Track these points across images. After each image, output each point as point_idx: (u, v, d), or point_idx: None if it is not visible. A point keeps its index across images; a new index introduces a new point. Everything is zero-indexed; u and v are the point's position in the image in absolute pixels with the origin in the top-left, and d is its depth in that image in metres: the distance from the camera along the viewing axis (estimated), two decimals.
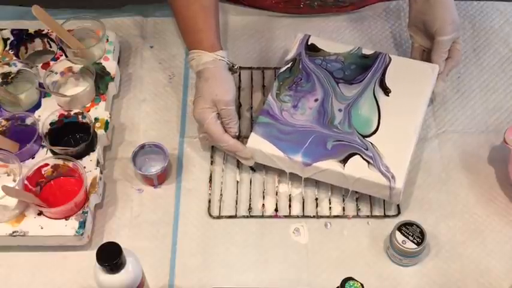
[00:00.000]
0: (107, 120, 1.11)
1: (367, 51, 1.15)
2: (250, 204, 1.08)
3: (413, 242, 1.00)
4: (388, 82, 1.11)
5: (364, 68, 1.12)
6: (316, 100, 1.10)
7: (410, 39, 1.18)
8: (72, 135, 1.11)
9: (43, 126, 1.08)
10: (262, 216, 1.07)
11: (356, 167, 1.03)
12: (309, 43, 1.17)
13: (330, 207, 1.08)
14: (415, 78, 1.11)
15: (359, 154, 1.03)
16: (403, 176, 1.02)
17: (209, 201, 1.08)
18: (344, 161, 1.03)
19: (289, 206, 1.08)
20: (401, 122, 1.06)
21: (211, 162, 1.12)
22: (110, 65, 1.17)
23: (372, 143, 1.04)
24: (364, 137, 1.05)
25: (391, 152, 1.03)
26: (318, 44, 1.16)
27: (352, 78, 1.11)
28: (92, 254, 0.85)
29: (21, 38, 1.20)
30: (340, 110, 1.08)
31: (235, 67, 1.10)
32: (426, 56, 1.16)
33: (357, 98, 1.09)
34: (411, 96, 1.09)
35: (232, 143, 1.06)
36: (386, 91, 1.09)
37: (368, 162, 1.03)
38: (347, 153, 1.04)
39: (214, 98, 1.04)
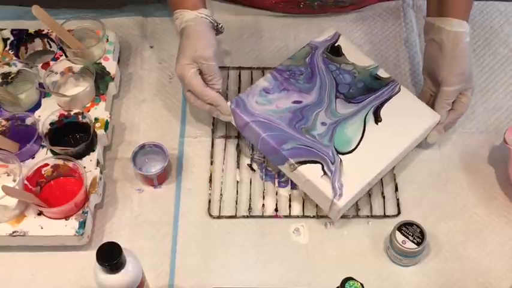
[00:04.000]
0: (107, 120, 1.11)
1: (382, 73, 1.12)
2: (250, 204, 1.08)
3: (413, 242, 1.00)
4: (385, 112, 1.08)
5: (369, 90, 1.10)
6: (295, 102, 1.09)
7: (423, 81, 1.15)
8: (72, 135, 1.11)
9: (43, 126, 1.08)
10: (262, 216, 1.07)
11: (311, 171, 1.02)
12: (336, 44, 1.15)
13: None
14: (412, 118, 1.08)
15: (321, 164, 1.02)
16: (348, 199, 1.01)
17: (209, 201, 1.08)
18: (300, 163, 1.02)
19: (289, 206, 1.08)
20: (377, 152, 1.04)
21: (211, 162, 1.12)
22: (110, 65, 1.18)
23: (341, 159, 1.03)
24: (338, 153, 1.04)
25: (352, 174, 1.02)
26: (343, 48, 1.14)
27: (353, 97, 1.09)
28: (92, 254, 0.85)
29: (21, 38, 1.20)
30: (323, 124, 1.06)
31: (220, 26, 1.11)
32: (433, 102, 1.12)
33: (347, 118, 1.07)
34: (399, 132, 1.06)
35: (214, 95, 1.06)
36: (378, 119, 1.07)
37: (325, 173, 1.02)
38: (309, 159, 1.03)
39: (194, 54, 1.05)
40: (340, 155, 1.03)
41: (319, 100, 1.09)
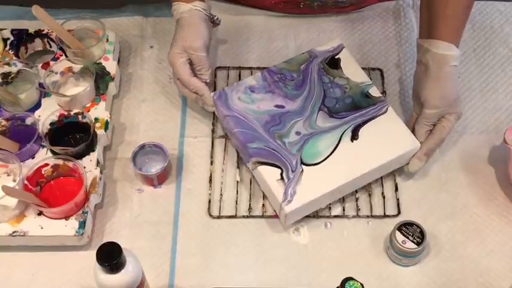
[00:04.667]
0: (107, 120, 1.12)
1: (374, 92, 1.10)
2: (250, 204, 1.08)
3: (413, 242, 1.00)
4: (364, 131, 1.06)
5: (355, 107, 1.08)
6: (277, 106, 1.09)
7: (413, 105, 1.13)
8: (72, 135, 1.11)
9: (43, 126, 1.08)
10: (262, 216, 1.07)
11: (269, 172, 1.03)
12: (337, 56, 1.14)
13: (330, 207, 1.08)
14: (390, 141, 1.05)
15: (281, 169, 1.03)
16: (296, 206, 1.00)
17: (209, 201, 1.08)
18: (261, 163, 1.03)
19: None
20: (341, 169, 1.03)
21: (211, 162, 1.12)
22: (110, 65, 1.18)
23: (303, 169, 1.03)
24: (303, 163, 1.03)
25: (309, 185, 1.02)
26: (343, 61, 1.13)
27: (337, 112, 1.08)
28: (92, 254, 0.85)
29: (21, 38, 1.20)
30: (298, 133, 1.06)
31: (215, 18, 1.15)
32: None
33: (323, 132, 1.06)
34: (371, 153, 1.04)
35: (199, 85, 1.10)
36: (354, 137, 1.05)
37: (282, 178, 1.02)
38: (270, 162, 1.03)
39: (184, 44, 1.10)
40: (304, 165, 1.03)
41: (301, 109, 1.09)
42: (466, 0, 1.06)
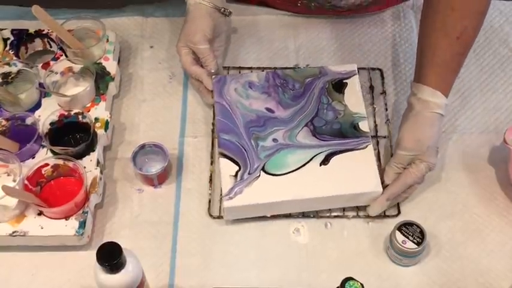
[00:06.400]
0: (107, 120, 1.12)
1: (363, 126, 1.08)
2: None
3: (413, 242, 1.00)
4: (336, 159, 1.04)
5: (339, 135, 1.07)
6: (267, 109, 1.09)
7: None
8: (72, 135, 1.11)
9: (43, 126, 1.08)
10: (262, 216, 1.07)
11: (226, 166, 1.04)
12: (344, 81, 1.12)
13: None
14: (355, 177, 1.03)
15: (241, 168, 1.03)
16: (235, 205, 1.01)
17: (209, 201, 1.08)
18: (224, 156, 1.05)
19: None
20: (295, 187, 1.02)
21: (211, 162, 1.12)
22: (110, 65, 1.18)
23: (260, 175, 1.03)
24: (265, 170, 1.03)
25: (256, 191, 1.02)
26: (349, 87, 1.11)
27: (320, 133, 1.07)
28: (92, 254, 0.85)
29: (21, 38, 1.20)
30: (275, 140, 1.06)
31: (222, 10, 1.17)
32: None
33: (299, 147, 1.06)
34: (331, 183, 1.03)
35: (198, 71, 1.14)
36: (324, 162, 1.04)
37: (236, 175, 1.03)
38: (235, 158, 1.04)
39: (186, 37, 1.14)
40: (264, 173, 1.03)
41: (289, 119, 1.09)
42: (458, 47, 1.04)
